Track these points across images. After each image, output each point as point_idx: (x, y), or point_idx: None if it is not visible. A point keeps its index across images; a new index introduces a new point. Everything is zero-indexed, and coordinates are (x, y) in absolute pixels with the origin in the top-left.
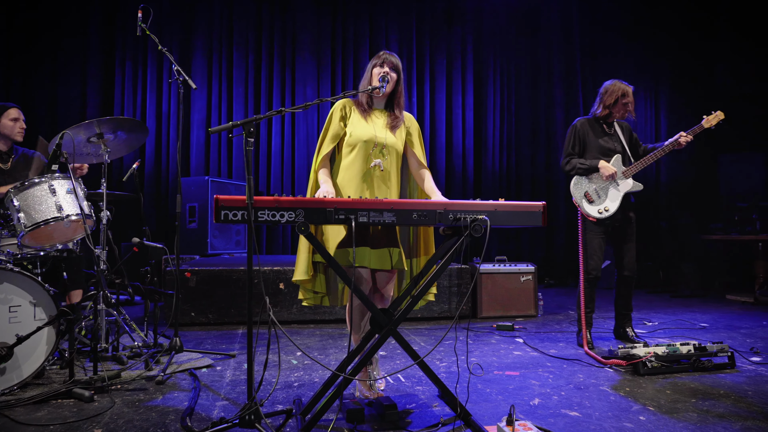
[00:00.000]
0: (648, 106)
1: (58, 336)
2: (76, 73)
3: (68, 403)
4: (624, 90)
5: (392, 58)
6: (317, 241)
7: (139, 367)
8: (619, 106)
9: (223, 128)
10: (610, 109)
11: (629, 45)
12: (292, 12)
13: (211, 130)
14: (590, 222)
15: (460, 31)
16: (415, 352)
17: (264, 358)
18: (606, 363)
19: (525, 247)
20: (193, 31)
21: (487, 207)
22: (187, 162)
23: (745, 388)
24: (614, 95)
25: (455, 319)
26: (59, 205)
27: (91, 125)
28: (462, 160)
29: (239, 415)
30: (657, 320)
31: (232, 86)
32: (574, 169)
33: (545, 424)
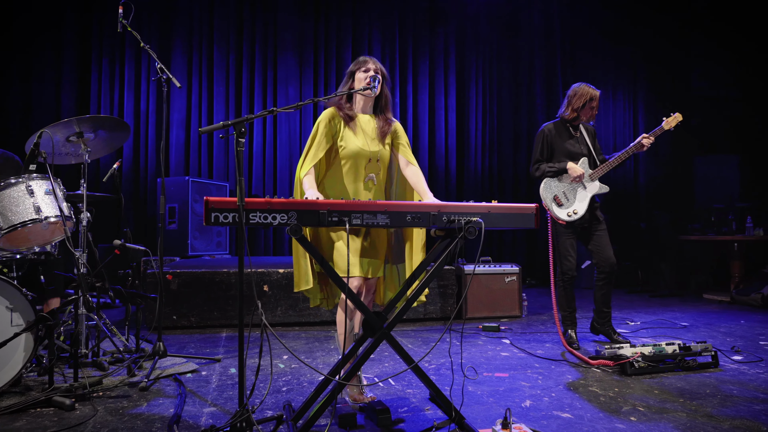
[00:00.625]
0: (626, 108)
1: (37, 342)
2: (50, 71)
3: (48, 412)
4: (592, 94)
5: (376, 63)
6: (310, 244)
7: (122, 373)
8: (586, 110)
9: (213, 128)
10: (578, 113)
11: (608, 48)
12: (274, 11)
13: (201, 130)
14: (560, 224)
15: (443, 33)
16: (409, 357)
17: (251, 362)
18: (593, 363)
19: (507, 248)
20: (173, 30)
21: (480, 209)
22: (166, 162)
23: (730, 387)
24: (583, 99)
25: (450, 322)
26: (37, 206)
27: (70, 124)
28: (444, 161)
29: (231, 422)
30: (639, 320)
31: (213, 86)
32: (543, 174)
33: (538, 426)
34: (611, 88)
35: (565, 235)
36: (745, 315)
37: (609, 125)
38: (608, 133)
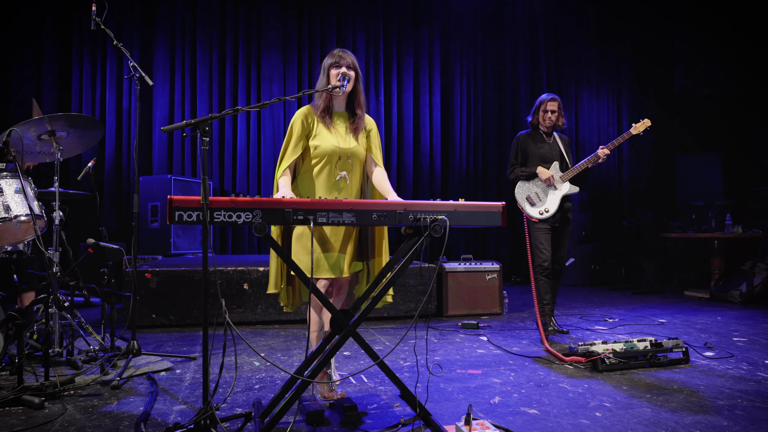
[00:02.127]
0: (610, 105)
1: (7, 341)
2: (30, 68)
3: (16, 411)
4: (542, 100)
5: (349, 57)
6: (275, 243)
7: (95, 372)
8: (539, 114)
9: (176, 127)
10: (533, 116)
11: (593, 46)
12: (257, 9)
13: (164, 129)
14: (534, 222)
15: (428, 31)
16: (374, 353)
17: (226, 360)
18: (566, 360)
19: (492, 246)
20: (155, 26)
21: (446, 207)
22: (149, 160)
23: (697, 382)
24: (538, 104)
25: (415, 318)
26: (6, 205)
27: (41, 122)
28: (429, 160)
29: (194, 420)
30: (617, 316)
31: (196, 83)
32: (517, 177)
33: (504, 423)
34: (595, 86)
35: (539, 231)
36: (722, 311)
37: (593, 122)
38: (592, 130)
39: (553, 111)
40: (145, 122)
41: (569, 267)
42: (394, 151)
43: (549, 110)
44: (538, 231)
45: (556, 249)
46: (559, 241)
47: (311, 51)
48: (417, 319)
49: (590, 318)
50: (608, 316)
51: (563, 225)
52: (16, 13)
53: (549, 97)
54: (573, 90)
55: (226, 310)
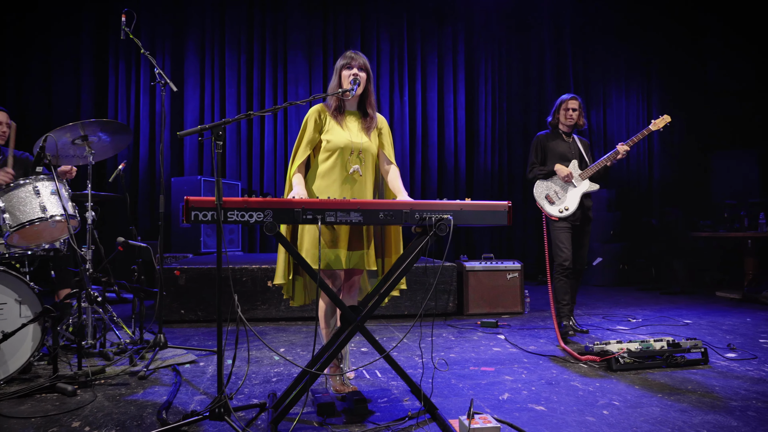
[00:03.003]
0: (639, 102)
1: (44, 333)
2: (70, 75)
3: (51, 397)
4: (563, 99)
5: (360, 58)
6: (286, 241)
7: (124, 363)
8: (560, 113)
9: (191, 132)
10: (554, 116)
11: (621, 43)
12: (284, 12)
13: (179, 134)
14: (554, 221)
15: (451, 30)
16: (381, 347)
17: (246, 355)
18: (581, 359)
19: (518, 245)
20: (186, 33)
21: (452, 207)
22: (181, 162)
23: (713, 383)
24: (559, 103)
25: (417, 317)
26: (43, 205)
27: (75, 127)
28: (454, 159)
29: (209, 408)
30: (642, 317)
31: (225, 87)
32: (535, 176)
33: (510, 418)
34: (624, 83)
35: (559, 229)
36: (753, 313)
37: (622, 120)
38: (621, 129)
39: (574, 109)
40: (177, 125)
41: (596, 266)
42: (418, 150)
43: (570, 108)
44: (558, 230)
45: (577, 248)
46: (580, 240)
47: (336, 52)
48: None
49: (613, 318)
50: (632, 317)
51: (584, 224)
52: (56, 27)
53: (570, 96)
54: (601, 88)
55: (239, 305)
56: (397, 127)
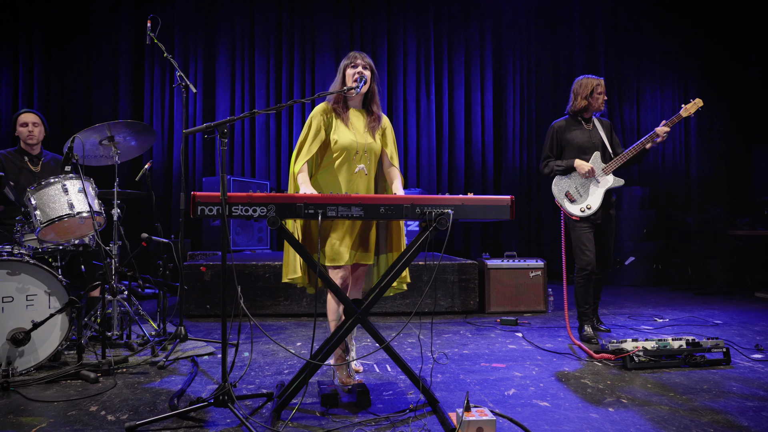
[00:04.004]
0: (676, 96)
1: (71, 323)
2: (108, 80)
3: (75, 384)
4: (597, 82)
5: (364, 58)
6: (289, 234)
7: (146, 353)
8: (594, 97)
9: (197, 129)
10: (588, 100)
11: (655, 35)
12: (311, 13)
13: (185, 132)
14: (574, 220)
15: (478, 27)
16: (381, 338)
17: (265, 347)
18: (596, 357)
19: (547, 243)
20: (217, 37)
21: (453, 201)
22: (212, 162)
23: (731, 384)
24: (589, 86)
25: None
26: (71, 203)
27: (102, 128)
28: (481, 157)
29: (214, 395)
30: (670, 317)
31: (254, 88)
32: (552, 171)
33: (512, 413)
34: (659, 77)
35: (581, 230)
36: None
37: (657, 114)
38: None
39: (604, 91)
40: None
41: (628, 266)
42: (445, 148)
43: (603, 91)
44: (580, 230)
45: (601, 249)
46: (604, 240)
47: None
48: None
49: (639, 317)
50: (659, 317)
51: (606, 222)
52: (97, 32)
53: (597, 78)
54: (634, 83)
55: (241, 296)
56: (424, 126)
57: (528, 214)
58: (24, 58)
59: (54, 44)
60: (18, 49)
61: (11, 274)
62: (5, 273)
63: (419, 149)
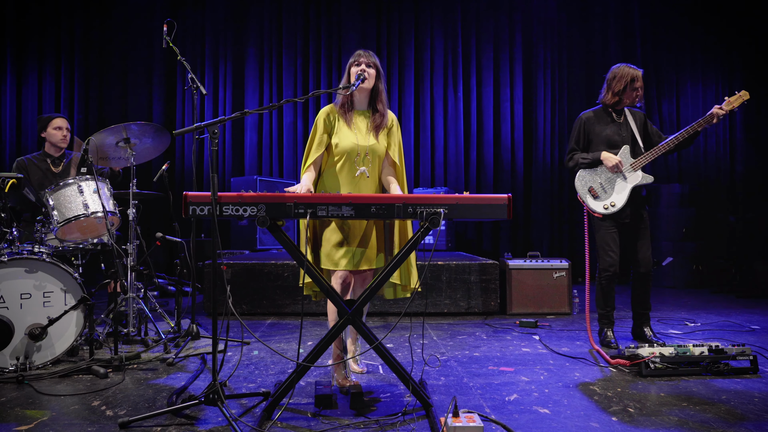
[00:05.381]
0: (719, 89)
1: (86, 319)
2: (143, 81)
3: (86, 378)
4: (633, 74)
5: (369, 57)
6: (281, 235)
7: (159, 350)
8: (628, 92)
9: (187, 130)
10: (620, 96)
11: (696, 25)
12: (338, 13)
13: (175, 132)
14: (598, 218)
15: (507, 21)
16: (371, 338)
17: (279, 346)
18: (611, 363)
19: (579, 243)
20: (246, 39)
21: (448, 200)
22: (241, 162)
23: (754, 394)
24: (623, 80)
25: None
26: (86, 203)
27: (118, 129)
28: (511, 154)
29: (204, 393)
30: (703, 321)
31: (282, 89)
32: (576, 164)
33: (507, 419)
34: (701, 69)
35: (605, 229)
36: None
37: (698, 109)
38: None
39: (641, 86)
40: (238, 127)
41: (666, 267)
42: (473, 146)
43: (640, 86)
44: (603, 229)
45: (637, 250)
46: (639, 240)
47: (389, 51)
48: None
49: (668, 321)
50: (690, 320)
51: (636, 221)
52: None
53: (638, 69)
54: (673, 76)
55: (230, 295)
56: (452, 124)
57: (560, 213)
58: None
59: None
60: (60, 57)
61: (29, 272)
62: (23, 271)
63: (446, 147)
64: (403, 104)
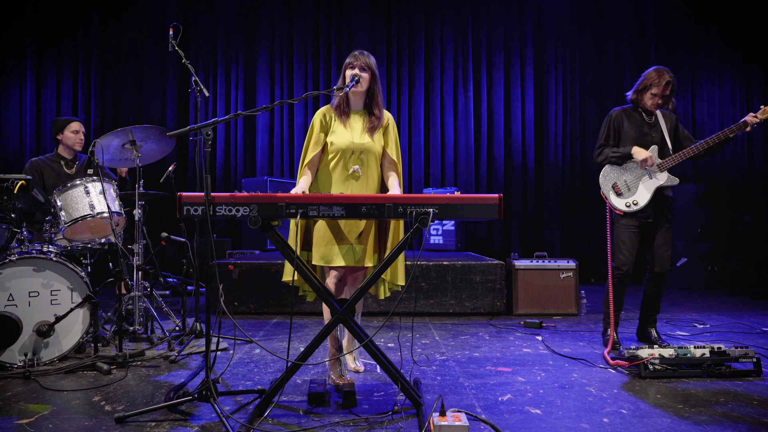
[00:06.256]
0: (736, 86)
1: (92, 317)
2: (157, 85)
3: (90, 374)
4: (658, 79)
5: (364, 58)
6: (273, 235)
7: (163, 348)
8: (647, 96)
9: (180, 132)
10: (638, 95)
11: (712, 19)
12: (348, 15)
13: (169, 134)
14: (620, 215)
15: (518, 20)
16: (360, 335)
17: (277, 345)
18: (611, 364)
19: (592, 243)
20: (257, 42)
21: (437, 200)
22: (253, 163)
23: (754, 397)
24: (645, 82)
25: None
26: (92, 204)
27: (123, 132)
28: (521, 154)
29: (197, 389)
30: (713, 322)
31: (293, 91)
32: (606, 159)
33: (497, 419)
34: (717, 65)
35: (624, 228)
36: None
37: (714, 106)
38: (713, 116)
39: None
40: (250, 129)
41: (681, 268)
42: (483, 145)
43: (659, 93)
44: (622, 227)
45: (656, 249)
46: (659, 239)
47: (399, 52)
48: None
49: (677, 322)
50: (700, 322)
51: (659, 221)
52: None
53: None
54: (688, 72)
55: (222, 293)
56: (462, 124)
57: (572, 214)
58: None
59: (107, 54)
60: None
61: (37, 271)
62: (32, 269)
63: (457, 147)
64: (413, 104)
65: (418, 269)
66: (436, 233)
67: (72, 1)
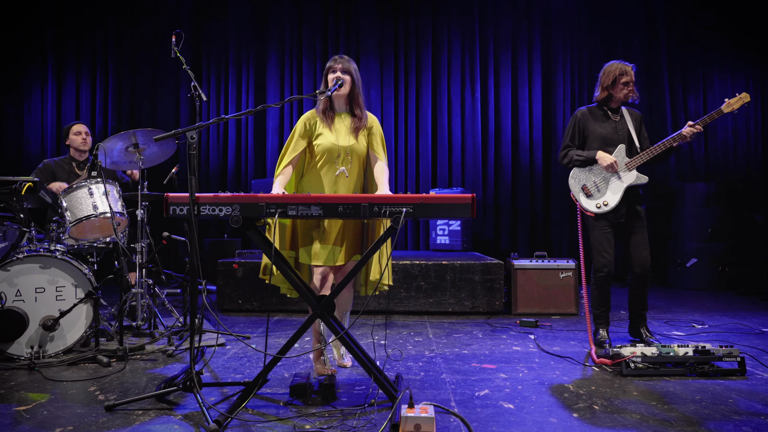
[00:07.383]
0: (750, 86)
1: (94, 312)
2: (171, 89)
3: (91, 366)
4: (622, 69)
5: (343, 62)
6: (255, 234)
7: (163, 342)
8: (618, 87)
9: (167, 135)
10: (609, 91)
11: (724, 18)
12: (356, 17)
13: (156, 138)
14: (591, 218)
15: (526, 20)
16: (336, 328)
17: (277, 341)
18: (597, 362)
19: None
20: (267, 45)
21: (411, 200)
22: (263, 165)
23: (731, 395)
24: (611, 75)
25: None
26: (95, 204)
27: (126, 135)
28: (529, 154)
29: (182, 380)
30: (714, 323)
31: (303, 92)
32: (571, 161)
33: (469, 413)
34: (729, 65)
35: (598, 229)
36: None
37: (728, 117)
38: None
39: (631, 80)
40: (260, 132)
41: (690, 268)
42: (491, 147)
43: (630, 80)
44: (597, 229)
45: (633, 250)
46: (635, 241)
47: (407, 53)
48: (359, 314)
49: (676, 322)
50: (699, 322)
51: (632, 221)
52: (161, 48)
53: (627, 64)
54: (700, 71)
55: (205, 290)
56: (469, 125)
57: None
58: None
59: (123, 59)
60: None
61: (43, 268)
62: (38, 266)
63: (464, 148)
64: (420, 105)
65: (417, 269)
66: (442, 233)
67: (90, 12)
